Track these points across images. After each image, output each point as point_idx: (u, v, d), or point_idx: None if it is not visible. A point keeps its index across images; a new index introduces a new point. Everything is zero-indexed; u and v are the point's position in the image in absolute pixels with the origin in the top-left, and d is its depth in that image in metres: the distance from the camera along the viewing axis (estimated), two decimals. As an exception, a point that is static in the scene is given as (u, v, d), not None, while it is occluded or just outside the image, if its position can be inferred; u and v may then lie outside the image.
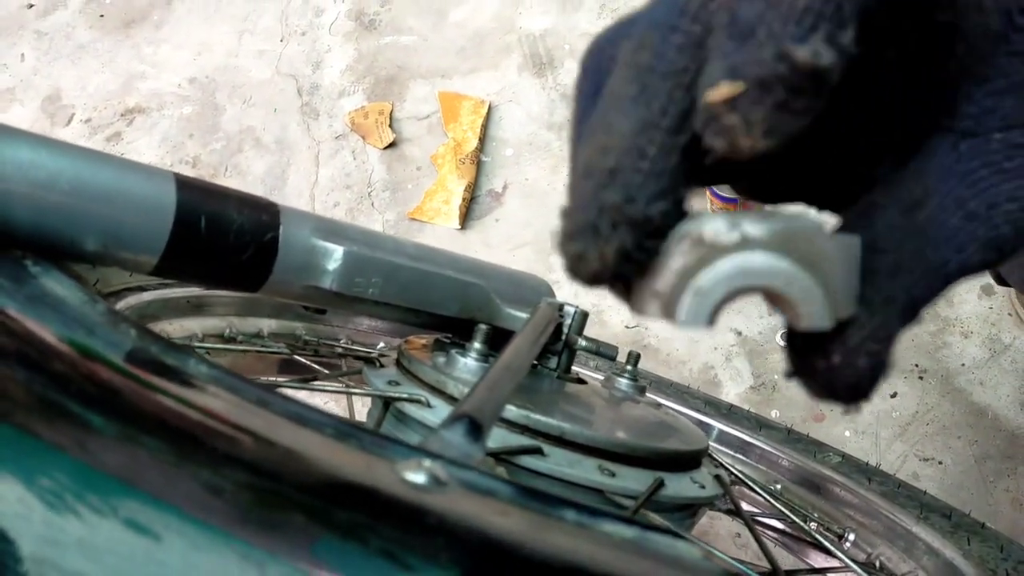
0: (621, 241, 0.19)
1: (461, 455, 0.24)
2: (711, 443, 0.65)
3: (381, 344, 0.70)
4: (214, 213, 0.35)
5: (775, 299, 0.19)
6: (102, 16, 1.80)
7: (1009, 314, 1.11)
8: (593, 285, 0.20)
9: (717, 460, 0.55)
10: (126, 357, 0.23)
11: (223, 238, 0.35)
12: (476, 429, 0.25)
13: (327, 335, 0.68)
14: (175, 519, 0.17)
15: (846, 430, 1.09)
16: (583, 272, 0.20)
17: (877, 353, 0.20)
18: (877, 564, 0.53)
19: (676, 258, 0.19)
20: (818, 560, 0.57)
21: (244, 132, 1.58)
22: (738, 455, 0.65)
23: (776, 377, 1.15)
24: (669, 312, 0.19)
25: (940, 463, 1.06)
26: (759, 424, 0.68)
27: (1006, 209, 0.20)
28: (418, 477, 0.19)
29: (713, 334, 1.18)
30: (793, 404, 1.12)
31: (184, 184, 0.35)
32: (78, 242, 0.32)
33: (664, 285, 0.19)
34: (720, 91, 0.17)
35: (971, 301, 1.13)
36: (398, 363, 0.45)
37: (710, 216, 0.19)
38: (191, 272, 0.35)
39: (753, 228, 0.19)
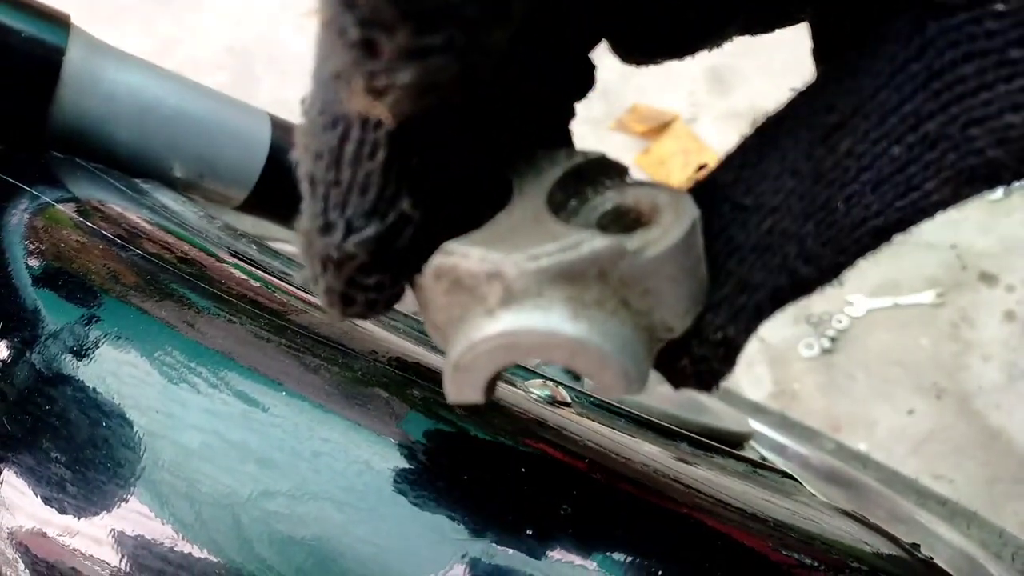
0: (329, 285, 0.15)
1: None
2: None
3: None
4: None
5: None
6: (145, -20, 1.81)
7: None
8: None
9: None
10: (229, 252, 0.24)
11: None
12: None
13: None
14: (278, 392, 0.18)
15: (861, 443, 1.10)
16: (335, 315, 0.15)
17: (727, 356, 0.16)
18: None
19: (432, 305, 0.14)
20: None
21: (280, 104, 1.59)
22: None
23: (796, 386, 1.15)
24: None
25: (951, 482, 1.06)
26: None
27: (1006, 123, 0.13)
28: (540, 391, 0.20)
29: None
30: (812, 413, 1.13)
31: (278, 124, 0.35)
32: (172, 167, 0.33)
33: (432, 333, 0.15)
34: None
35: (993, 325, 1.14)
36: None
37: (477, 239, 0.14)
38: (278, 210, 0.36)
39: (520, 273, 0.13)
